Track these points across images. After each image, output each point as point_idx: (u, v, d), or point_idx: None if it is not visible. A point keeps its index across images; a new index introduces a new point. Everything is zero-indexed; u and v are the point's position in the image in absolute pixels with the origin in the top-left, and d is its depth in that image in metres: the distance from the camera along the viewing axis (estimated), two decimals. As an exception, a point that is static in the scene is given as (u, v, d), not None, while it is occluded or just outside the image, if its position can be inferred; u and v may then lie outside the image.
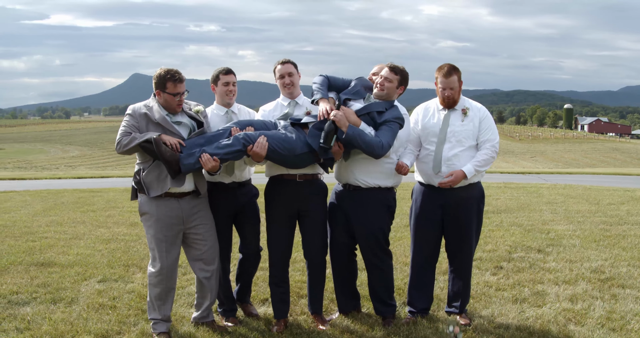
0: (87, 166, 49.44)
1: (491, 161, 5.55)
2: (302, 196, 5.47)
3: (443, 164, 5.50)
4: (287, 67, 5.58)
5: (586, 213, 12.35)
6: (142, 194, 5.19)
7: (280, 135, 5.11)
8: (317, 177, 5.56)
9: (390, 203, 5.63)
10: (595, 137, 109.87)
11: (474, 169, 5.44)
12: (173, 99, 5.13)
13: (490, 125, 5.61)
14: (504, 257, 8.17)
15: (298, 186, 5.45)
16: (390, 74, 5.36)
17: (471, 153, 5.55)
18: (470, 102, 5.67)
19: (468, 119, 5.55)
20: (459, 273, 5.81)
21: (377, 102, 5.37)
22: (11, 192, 17.26)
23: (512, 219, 11.46)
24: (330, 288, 6.45)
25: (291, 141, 5.10)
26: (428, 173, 5.62)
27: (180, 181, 5.09)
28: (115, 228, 10.62)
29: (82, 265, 7.80)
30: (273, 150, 5.03)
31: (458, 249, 5.75)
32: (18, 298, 6.40)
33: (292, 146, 5.08)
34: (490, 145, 5.54)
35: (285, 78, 5.57)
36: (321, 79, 5.45)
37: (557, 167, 47.39)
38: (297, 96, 5.67)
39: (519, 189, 16.90)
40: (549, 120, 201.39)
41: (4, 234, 10.14)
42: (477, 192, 5.68)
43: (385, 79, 5.36)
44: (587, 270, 7.50)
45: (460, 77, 5.51)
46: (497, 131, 5.66)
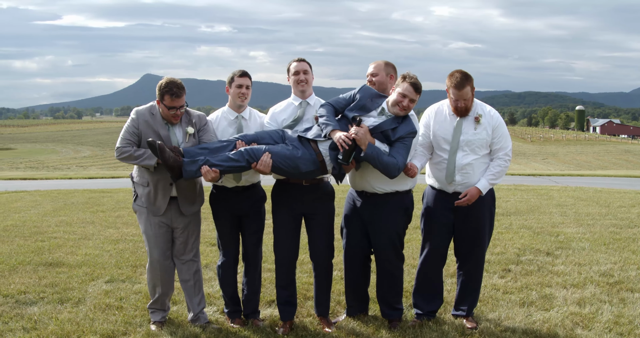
0: (98, 166, 49.59)
1: (505, 171, 5.54)
2: (308, 199, 5.45)
3: (457, 174, 5.47)
4: (303, 65, 5.54)
5: (596, 216, 12.27)
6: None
7: (286, 152, 5.06)
8: (323, 181, 5.53)
9: (407, 206, 5.60)
10: (607, 139, 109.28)
11: (489, 184, 5.47)
12: (169, 112, 5.23)
13: (503, 133, 5.52)
14: (512, 260, 8.13)
15: (304, 190, 5.42)
16: (415, 95, 5.22)
17: (485, 160, 5.54)
18: (484, 107, 5.56)
19: (481, 127, 5.46)
20: (469, 277, 5.79)
21: (390, 119, 5.23)
22: (22, 192, 17.35)
23: (521, 221, 11.40)
24: (337, 290, 6.45)
25: (296, 158, 5.06)
26: (441, 180, 5.59)
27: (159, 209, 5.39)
28: (124, 229, 10.65)
29: (90, 266, 7.82)
30: (277, 168, 5.04)
31: (469, 253, 5.72)
32: (26, 298, 6.43)
33: (296, 164, 5.06)
34: (504, 154, 5.51)
35: (300, 75, 5.51)
36: (325, 109, 5.27)
37: (568, 169, 47.17)
38: (309, 96, 5.62)
39: (529, 192, 16.82)
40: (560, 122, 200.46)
41: (14, 234, 10.20)
42: (488, 196, 5.62)
43: (410, 100, 5.21)
44: (595, 273, 7.45)
45: (472, 86, 5.39)
46: (509, 138, 5.62)
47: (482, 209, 5.60)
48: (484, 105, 5.57)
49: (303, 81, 5.52)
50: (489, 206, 5.67)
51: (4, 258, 8.28)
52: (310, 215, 5.51)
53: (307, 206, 5.46)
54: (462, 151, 5.46)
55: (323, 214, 5.54)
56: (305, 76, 5.53)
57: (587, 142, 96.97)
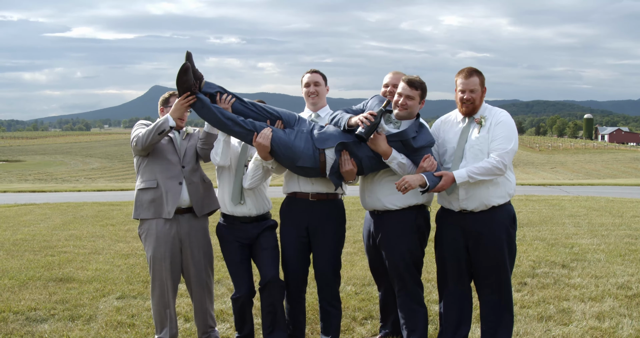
0: (106, 178, 49.69)
1: (493, 171, 4.76)
2: (313, 216, 5.22)
3: (461, 187, 4.90)
4: (314, 76, 5.38)
5: (610, 226, 12.15)
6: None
7: (288, 141, 4.88)
8: (333, 197, 5.28)
9: (420, 223, 5.15)
10: (616, 147, 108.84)
11: (467, 175, 4.72)
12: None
13: (502, 133, 4.87)
14: (527, 273, 8.01)
15: (309, 206, 5.23)
16: (411, 91, 4.83)
17: None
18: (492, 110, 5.04)
19: (484, 129, 4.93)
20: (491, 315, 5.06)
21: (409, 128, 4.88)
22: (31, 205, 17.36)
23: (534, 233, 11.29)
24: (352, 306, 6.37)
25: (295, 149, 4.86)
26: (444, 195, 5.07)
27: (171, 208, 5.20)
28: (135, 243, 10.57)
29: (100, 281, 7.76)
30: (274, 152, 4.89)
31: (487, 284, 5.04)
32: (36, 314, 6.36)
33: (293, 155, 4.87)
34: (497, 154, 4.77)
35: (310, 87, 5.35)
36: (338, 111, 5.12)
37: (577, 178, 46.95)
38: (320, 107, 5.44)
39: (540, 202, 16.71)
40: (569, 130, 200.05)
41: (24, 248, 10.16)
42: (505, 216, 4.97)
43: (406, 97, 4.82)
44: (613, 286, 7.33)
45: (483, 82, 4.97)
46: (512, 140, 4.88)
47: (498, 232, 4.94)
48: (495, 109, 5.05)
49: (313, 93, 5.36)
50: (507, 229, 4.99)
51: (14, 273, 8.23)
52: (316, 232, 5.25)
53: (311, 222, 5.23)
54: (465, 160, 4.91)
55: (330, 233, 5.26)
56: (315, 87, 5.35)
57: (595, 150, 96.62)
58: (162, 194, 5.19)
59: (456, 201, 4.98)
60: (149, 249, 5.26)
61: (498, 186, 4.91)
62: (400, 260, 5.11)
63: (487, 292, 5.04)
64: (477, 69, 5.00)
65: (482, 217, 4.94)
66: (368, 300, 6.76)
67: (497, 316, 5.03)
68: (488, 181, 4.85)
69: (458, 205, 4.98)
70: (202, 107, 4.92)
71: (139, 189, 5.28)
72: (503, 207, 4.98)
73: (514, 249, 5.10)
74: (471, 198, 4.91)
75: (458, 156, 4.95)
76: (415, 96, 4.86)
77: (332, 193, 5.25)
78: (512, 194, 5.03)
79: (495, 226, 4.94)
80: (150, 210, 5.22)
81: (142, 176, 5.29)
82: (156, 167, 5.23)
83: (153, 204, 5.21)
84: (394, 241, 5.12)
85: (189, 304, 6.23)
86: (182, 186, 5.24)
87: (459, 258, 5.05)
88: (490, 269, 4.99)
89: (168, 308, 5.29)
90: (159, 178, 5.21)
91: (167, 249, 5.21)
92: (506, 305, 5.05)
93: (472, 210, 4.94)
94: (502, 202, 4.96)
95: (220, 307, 6.46)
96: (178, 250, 5.29)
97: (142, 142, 5.05)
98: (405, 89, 4.85)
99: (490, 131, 4.91)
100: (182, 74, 4.79)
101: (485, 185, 4.87)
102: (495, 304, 5.02)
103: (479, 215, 4.95)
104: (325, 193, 5.23)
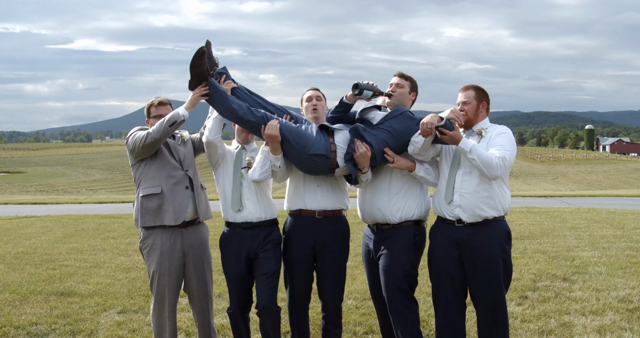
0: (108, 189, 49.73)
1: (491, 164, 4.66)
2: (320, 234, 5.17)
3: (455, 192, 4.86)
4: (316, 92, 5.36)
5: (611, 239, 12.13)
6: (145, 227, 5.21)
7: (299, 130, 4.92)
8: (339, 213, 5.27)
9: (418, 239, 5.11)
10: (617, 158, 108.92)
11: (470, 147, 4.68)
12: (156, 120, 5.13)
13: (503, 141, 4.86)
14: (528, 286, 8.01)
15: (316, 223, 5.18)
16: (401, 80, 5.11)
17: (489, 184, 4.84)
18: (495, 125, 5.05)
19: (484, 140, 4.92)
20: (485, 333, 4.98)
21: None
22: (32, 217, 17.36)
23: (535, 245, 11.28)
24: (353, 320, 6.36)
25: (308, 138, 4.87)
26: (440, 202, 4.99)
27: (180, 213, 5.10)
28: (136, 256, 10.56)
29: (101, 295, 7.75)
30: (286, 141, 4.89)
31: (481, 302, 4.95)
32: (37, 329, 6.35)
33: (307, 143, 4.85)
34: (499, 152, 4.72)
35: (313, 100, 5.31)
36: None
37: (579, 189, 46.95)
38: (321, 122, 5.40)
39: (541, 214, 16.70)
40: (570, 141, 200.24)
41: (25, 261, 10.16)
42: (499, 232, 4.90)
43: (396, 85, 5.09)
44: (614, 299, 7.32)
45: (480, 97, 4.98)
46: (511, 149, 4.85)
47: (493, 248, 4.87)
48: (498, 125, 5.07)
49: (315, 106, 5.31)
50: (502, 246, 4.91)
51: (15, 287, 8.23)
52: (323, 250, 5.20)
53: (318, 241, 5.17)
54: (463, 168, 4.88)
55: (337, 251, 5.23)
56: (318, 101, 5.32)
57: (597, 161, 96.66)
58: (168, 201, 5.08)
59: (452, 206, 4.89)
60: (151, 264, 5.16)
61: (492, 199, 4.85)
62: (396, 280, 5.01)
63: (482, 310, 4.96)
64: (477, 85, 5.06)
65: (477, 231, 4.86)
66: (369, 314, 6.75)
67: (491, 336, 4.95)
68: (483, 191, 4.82)
69: (452, 213, 4.89)
70: (215, 92, 4.91)
71: (143, 196, 5.12)
72: (497, 222, 4.91)
73: (509, 267, 5.01)
74: (465, 206, 4.84)
75: (455, 163, 4.93)
76: (405, 85, 5.09)
77: (337, 209, 5.24)
78: (506, 210, 4.95)
79: (489, 241, 4.86)
80: (157, 217, 5.09)
81: (144, 183, 5.15)
82: (160, 173, 5.12)
83: (159, 210, 5.09)
84: (391, 261, 5.04)
85: (190, 318, 6.23)
86: (188, 190, 5.18)
87: (453, 273, 4.94)
88: (484, 286, 4.89)
89: (169, 323, 5.23)
90: (163, 184, 5.10)
91: (172, 264, 5.15)
92: (501, 326, 4.93)
93: (465, 221, 4.86)
94: (495, 215, 4.88)
95: (221, 321, 6.45)
96: (182, 264, 5.23)
97: (153, 135, 4.93)
98: (395, 79, 5.12)
99: (490, 141, 4.91)
100: (197, 58, 4.77)
101: (480, 195, 4.82)
102: (491, 324, 4.93)
103: (473, 228, 4.87)
104: (331, 209, 5.22)
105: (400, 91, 5.08)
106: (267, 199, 5.37)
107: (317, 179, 5.22)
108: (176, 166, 5.19)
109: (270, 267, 5.19)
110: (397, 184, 5.11)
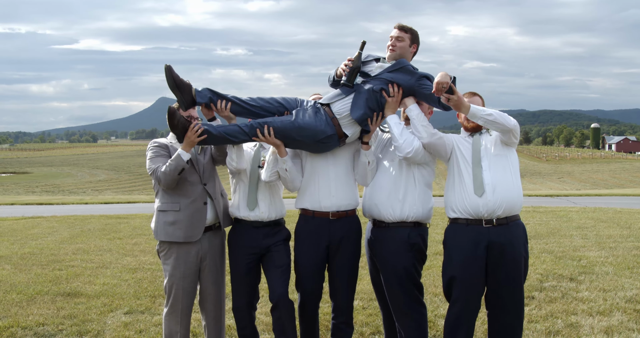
0: (113, 190, 49.81)
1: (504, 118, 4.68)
2: (334, 235, 5.11)
3: (485, 186, 4.74)
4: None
5: (618, 238, 12.10)
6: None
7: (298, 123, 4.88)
8: (352, 213, 5.21)
9: (414, 241, 5.00)
10: (623, 156, 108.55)
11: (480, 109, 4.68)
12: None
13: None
14: (535, 286, 7.99)
15: (329, 225, 5.12)
16: (400, 33, 4.98)
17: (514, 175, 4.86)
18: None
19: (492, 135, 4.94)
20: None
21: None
22: (39, 218, 17.39)
23: (542, 245, 11.25)
24: (360, 321, 6.35)
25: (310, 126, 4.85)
26: (466, 199, 4.80)
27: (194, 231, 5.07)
28: (142, 257, 10.59)
29: (108, 296, 7.76)
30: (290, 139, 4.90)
31: (501, 305, 4.82)
32: (44, 330, 6.37)
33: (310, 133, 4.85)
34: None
35: None
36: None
37: (585, 188, 46.82)
38: None
39: (547, 214, 16.67)
40: (575, 140, 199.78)
41: (31, 262, 10.18)
42: (522, 231, 4.86)
43: (396, 39, 4.97)
44: (621, 299, 7.30)
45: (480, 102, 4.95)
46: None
47: (518, 249, 4.79)
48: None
49: None
50: (524, 245, 4.87)
51: (22, 287, 8.25)
52: (337, 251, 5.14)
53: (332, 242, 5.12)
54: (486, 160, 4.83)
55: (350, 252, 5.17)
56: None
57: (603, 160, 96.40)
58: (186, 217, 5.04)
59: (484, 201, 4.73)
60: (168, 267, 5.12)
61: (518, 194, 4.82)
62: (394, 277, 5.00)
63: (499, 312, 4.85)
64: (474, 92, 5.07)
65: (504, 231, 4.75)
66: (376, 314, 6.74)
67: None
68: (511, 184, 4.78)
69: (487, 211, 4.73)
70: (210, 134, 4.87)
71: (160, 210, 5.11)
72: (519, 221, 4.87)
73: (527, 267, 4.93)
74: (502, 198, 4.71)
75: (476, 161, 4.85)
76: (405, 38, 5.00)
77: (350, 209, 5.20)
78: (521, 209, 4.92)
79: (515, 241, 4.78)
80: (174, 234, 5.04)
81: (162, 198, 5.12)
82: (178, 190, 5.07)
83: (173, 227, 5.04)
84: (387, 259, 5.03)
85: (197, 319, 6.21)
86: (206, 206, 5.14)
87: (475, 276, 4.79)
88: (507, 287, 4.77)
89: (181, 327, 5.20)
90: (181, 201, 5.06)
91: (188, 268, 5.11)
92: (517, 329, 4.85)
93: (500, 216, 4.73)
94: (518, 214, 4.87)
95: (228, 322, 6.44)
96: (198, 269, 5.20)
97: (166, 183, 4.94)
98: (395, 33, 5.02)
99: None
100: (170, 118, 4.75)
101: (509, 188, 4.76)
102: (507, 327, 4.83)
103: (505, 227, 4.75)
104: (344, 210, 5.17)
105: (400, 44, 5.00)
106: (279, 199, 5.38)
107: (331, 177, 5.16)
108: (195, 182, 5.12)
109: (283, 260, 5.21)
110: (397, 183, 5.05)
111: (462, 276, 4.81)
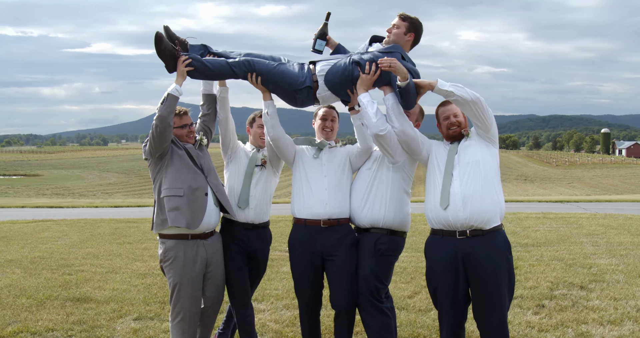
0: (123, 193, 49.91)
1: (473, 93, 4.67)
2: (327, 243, 5.15)
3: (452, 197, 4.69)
4: (332, 112, 5.42)
5: (629, 246, 12.02)
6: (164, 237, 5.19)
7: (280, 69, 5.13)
8: (344, 222, 5.24)
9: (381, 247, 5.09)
10: (633, 161, 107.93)
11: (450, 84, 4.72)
12: (182, 132, 5.27)
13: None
14: (545, 295, 7.94)
15: (322, 233, 5.17)
16: (398, 21, 5.13)
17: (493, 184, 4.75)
18: None
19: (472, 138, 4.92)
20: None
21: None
22: (49, 221, 17.45)
23: (552, 253, 11.19)
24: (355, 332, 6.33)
25: (291, 75, 5.08)
26: (435, 211, 4.81)
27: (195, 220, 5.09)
28: (152, 262, 10.58)
29: (117, 302, 7.76)
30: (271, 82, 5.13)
31: (483, 317, 4.73)
32: (53, 335, 6.39)
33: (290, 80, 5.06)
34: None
35: (327, 121, 5.39)
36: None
37: (595, 193, 46.59)
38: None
39: (557, 220, 16.58)
40: (586, 145, 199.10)
41: (41, 266, 10.21)
42: (501, 242, 4.72)
43: (393, 25, 5.14)
44: (632, 308, 7.24)
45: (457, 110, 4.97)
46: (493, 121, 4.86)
47: (497, 260, 4.67)
48: None
49: (328, 128, 5.40)
50: (505, 256, 4.72)
51: (31, 292, 8.27)
52: (330, 258, 5.18)
53: (325, 249, 5.16)
54: (457, 168, 4.79)
55: (343, 258, 5.15)
56: (332, 123, 5.41)
57: (613, 165, 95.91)
58: (188, 204, 5.05)
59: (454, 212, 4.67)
60: (174, 275, 5.10)
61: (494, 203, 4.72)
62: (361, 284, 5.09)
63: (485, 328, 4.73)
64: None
65: (479, 242, 4.66)
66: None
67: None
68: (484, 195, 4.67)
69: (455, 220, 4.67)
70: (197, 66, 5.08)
71: (164, 196, 5.07)
72: (498, 232, 4.74)
73: (513, 279, 4.78)
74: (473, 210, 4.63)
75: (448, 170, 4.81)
76: (401, 26, 5.13)
77: (343, 218, 5.23)
78: (502, 217, 4.81)
79: (494, 252, 4.66)
80: (176, 219, 5.01)
81: (166, 183, 5.10)
82: (182, 175, 5.10)
83: (176, 212, 5.02)
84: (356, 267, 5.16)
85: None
86: (207, 197, 5.17)
87: (456, 289, 4.76)
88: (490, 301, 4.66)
89: (189, 334, 5.20)
90: (185, 188, 5.07)
91: (194, 275, 5.12)
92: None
93: (472, 226, 4.64)
94: (497, 223, 4.73)
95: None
96: (202, 275, 5.22)
97: (161, 125, 4.99)
98: (394, 20, 5.18)
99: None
100: (157, 44, 4.98)
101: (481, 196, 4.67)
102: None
103: (477, 239, 4.66)
104: (336, 218, 5.20)
105: (395, 31, 5.12)
106: (268, 203, 5.59)
107: (324, 186, 5.24)
108: (197, 172, 5.19)
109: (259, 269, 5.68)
110: (370, 187, 5.16)
111: (443, 287, 4.82)
